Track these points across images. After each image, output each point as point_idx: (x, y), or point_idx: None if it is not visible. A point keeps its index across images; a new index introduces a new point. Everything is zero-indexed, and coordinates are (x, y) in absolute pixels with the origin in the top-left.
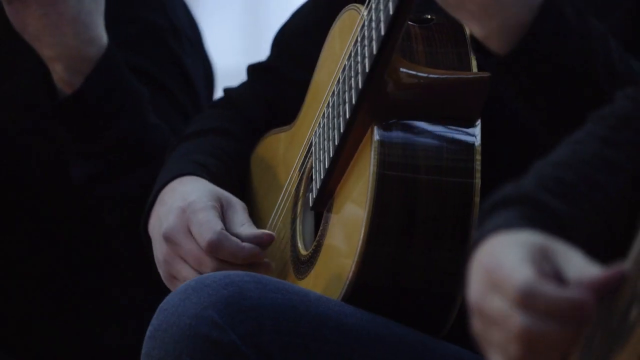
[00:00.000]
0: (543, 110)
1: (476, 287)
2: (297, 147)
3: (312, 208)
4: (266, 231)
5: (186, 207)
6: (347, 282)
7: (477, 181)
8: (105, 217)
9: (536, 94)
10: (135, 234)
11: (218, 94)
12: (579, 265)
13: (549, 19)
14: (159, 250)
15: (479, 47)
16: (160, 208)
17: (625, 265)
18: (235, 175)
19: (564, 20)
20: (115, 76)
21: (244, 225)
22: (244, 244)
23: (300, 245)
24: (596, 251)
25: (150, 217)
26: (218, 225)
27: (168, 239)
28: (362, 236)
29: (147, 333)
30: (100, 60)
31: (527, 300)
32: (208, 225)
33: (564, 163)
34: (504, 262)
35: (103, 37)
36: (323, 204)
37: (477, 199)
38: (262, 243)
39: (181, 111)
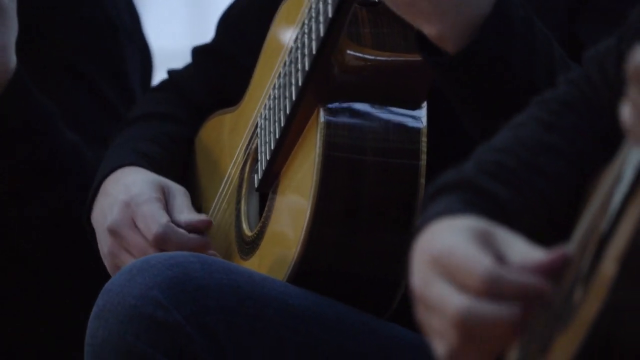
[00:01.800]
0: (480, 112)
1: (419, 272)
2: (242, 129)
3: (258, 189)
4: (202, 217)
5: (130, 200)
6: (292, 263)
7: (423, 163)
8: (18, 241)
9: (476, 96)
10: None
11: (159, 79)
12: (521, 250)
13: (499, 21)
14: (104, 242)
15: (423, 46)
16: (103, 200)
17: (568, 248)
18: (179, 160)
19: (512, 22)
20: (24, 99)
21: (182, 213)
22: (190, 235)
23: (245, 226)
24: (538, 235)
25: (93, 207)
26: (163, 217)
27: (113, 232)
28: (307, 217)
29: (92, 314)
30: (8, 84)
31: (490, 287)
32: (153, 218)
33: (505, 148)
34: (453, 248)
35: (13, 60)
36: (268, 185)
37: (422, 181)
38: (199, 229)
39: (111, 111)
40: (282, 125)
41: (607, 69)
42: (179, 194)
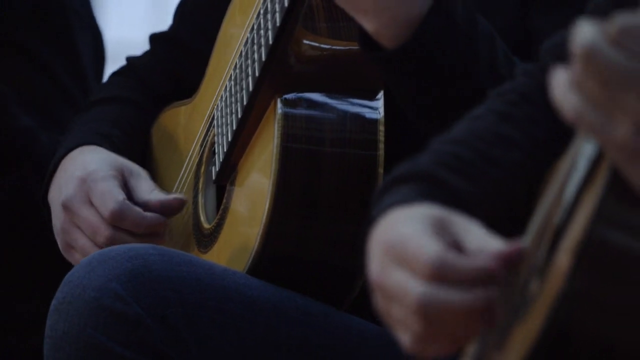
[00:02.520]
0: (422, 107)
1: (376, 263)
2: (199, 121)
3: (215, 181)
4: (177, 195)
5: (86, 176)
6: (252, 254)
7: (381, 153)
8: None
9: (416, 91)
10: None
11: (111, 67)
12: (478, 236)
13: (438, 18)
14: (58, 218)
15: (364, 41)
16: (60, 176)
17: (524, 240)
18: (138, 146)
19: (452, 19)
20: None
21: (153, 192)
22: (147, 213)
23: (203, 219)
24: (495, 226)
25: (50, 185)
26: (120, 195)
27: (66, 207)
28: (266, 209)
29: (52, 306)
30: None
31: (439, 272)
32: (110, 195)
33: (461, 139)
34: (407, 236)
35: None
36: (226, 178)
37: (380, 171)
38: (173, 208)
39: (65, 94)
40: (239, 116)
41: (563, 60)
42: (144, 175)
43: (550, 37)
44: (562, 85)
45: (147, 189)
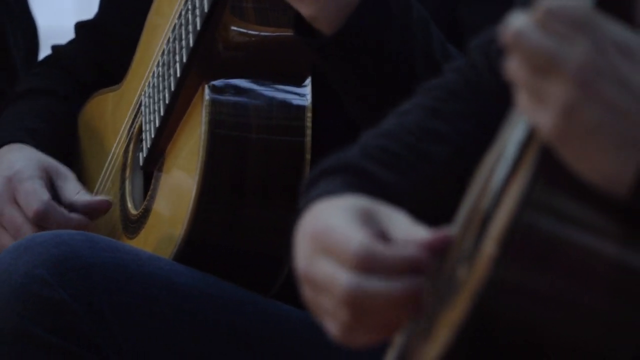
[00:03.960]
0: (357, 94)
1: (303, 253)
2: (126, 108)
3: (142, 168)
4: (103, 198)
5: (12, 176)
6: (178, 241)
7: (308, 139)
8: None
9: (351, 78)
10: None
11: (40, 55)
12: (405, 226)
13: (373, 2)
14: None
15: (300, 27)
16: None
17: (452, 227)
18: (64, 137)
19: (386, 4)
20: None
21: (79, 193)
22: (72, 214)
23: (130, 205)
24: (422, 220)
25: None
26: (45, 195)
27: None
28: (193, 195)
29: None
30: None
31: (365, 262)
32: (35, 195)
33: (390, 133)
34: (333, 225)
35: None
36: (153, 164)
37: (308, 157)
38: (99, 210)
39: None
40: (167, 102)
41: (492, 56)
42: (70, 176)
43: (477, 29)
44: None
45: (73, 190)
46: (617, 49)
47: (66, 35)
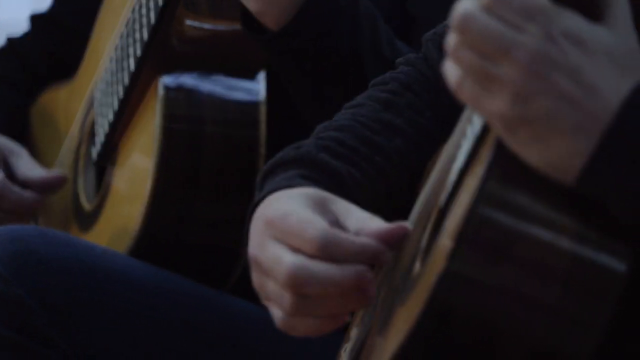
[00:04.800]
0: (305, 89)
1: (255, 239)
2: (79, 102)
3: (96, 162)
4: (57, 172)
5: None
6: (134, 235)
7: (262, 133)
8: None
9: (301, 72)
10: None
11: None
12: (359, 217)
13: (320, 1)
14: None
15: (248, 22)
16: None
17: (408, 224)
18: (17, 127)
19: (334, 3)
20: None
21: (33, 169)
22: (26, 193)
23: (83, 199)
24: (376, 213)
25: None
26: None
27: None
28: (148, 189)
29: None
30: None
31: (325, 249)
32: None
33: (344, 126)
34: (289, 212)
35: None
36: (107, 158)
37: (262, 151)
38: (54, 185)
39: None
40: (121, 97)
41: (444, 49)
42: (24, 153)
43: (432, 28)
44: (447, 57)
45: (26, 167)
46: (568, 38)
47: (21, 27)
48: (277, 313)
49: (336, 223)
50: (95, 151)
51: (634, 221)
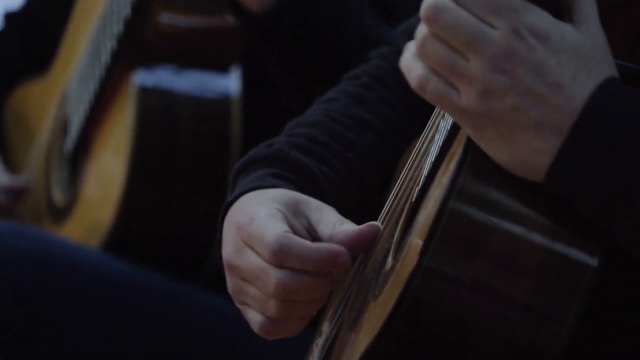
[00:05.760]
0: (291, 73)
1: (229, 244)
2: (52, 97)
3: (69, 156)
4: (20, 182)
5: None
6: (106, 230)
7: (235, 128)
8: None
9: (286, 56)
10: None
11: None
12: (331, 220)
13: None
14: None
15: (235, 8)
16: None
17: (379, 222)
18: None
19: None
20: None
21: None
22: None
23: (56, 193)
24: (349, 208)
25: None
26: None
27: None
28: (121, 184)
29: None
30: None
31: (279, 256)
32: None
33: (315, 122)
34: (256, 218)
35: None
36: (80, 152)
37: (235, 146)
38: (17, 193)
39: None
40: (94, 91)
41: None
42: None
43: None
44: (409, 54)
45: None
46: (535, 35)
47: None
48: (257, 317)
49: (309, 226)
50: (68, 145)
51: (601, 218)
